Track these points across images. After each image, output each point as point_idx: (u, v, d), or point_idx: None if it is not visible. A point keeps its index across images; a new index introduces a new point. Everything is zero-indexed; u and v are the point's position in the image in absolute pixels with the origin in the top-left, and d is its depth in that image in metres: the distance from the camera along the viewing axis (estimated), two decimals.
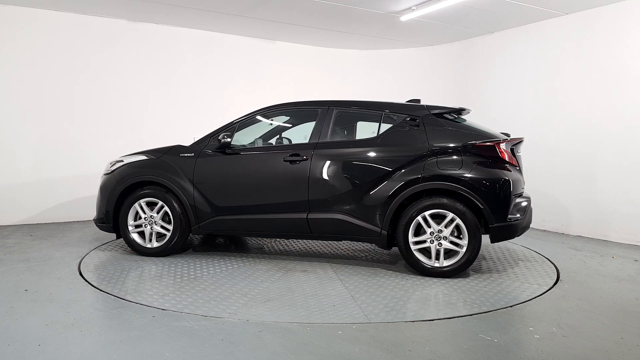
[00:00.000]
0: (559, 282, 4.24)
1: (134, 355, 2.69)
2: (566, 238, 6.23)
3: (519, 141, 4.65)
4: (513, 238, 4.40)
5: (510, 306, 3.59)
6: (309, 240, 5.69)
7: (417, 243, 4.29)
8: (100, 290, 3.80)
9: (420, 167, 4.29)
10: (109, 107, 7.02)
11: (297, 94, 7.73)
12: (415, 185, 4.26)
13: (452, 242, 4.22)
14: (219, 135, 4.70)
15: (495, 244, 5.62)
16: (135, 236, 4.83)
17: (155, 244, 4.81)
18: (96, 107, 6.94)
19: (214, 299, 3.65)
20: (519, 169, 4.53)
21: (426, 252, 4.31)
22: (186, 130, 7.16)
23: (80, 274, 4.24)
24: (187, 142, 4.97)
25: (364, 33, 7.60)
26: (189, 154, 4.77)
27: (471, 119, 4.96)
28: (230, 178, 4.68)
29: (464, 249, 4.19)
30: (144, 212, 4.78)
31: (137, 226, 4.82)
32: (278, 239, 5.73)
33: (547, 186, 6.73)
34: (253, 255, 5.05)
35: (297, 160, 4.51)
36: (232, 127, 4.81)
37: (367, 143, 4.57)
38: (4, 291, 3.76)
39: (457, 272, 4.24)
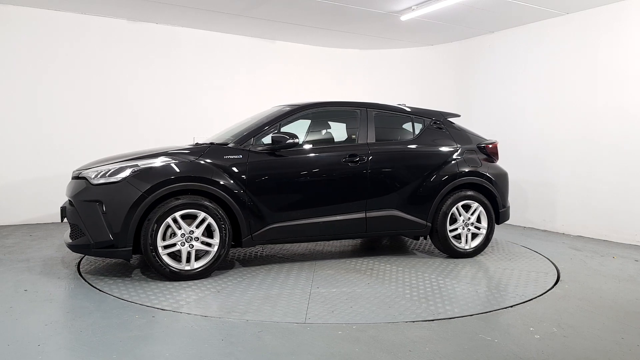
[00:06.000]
0: (559, 282, 4.24)
1: (133, 355, 2.68)
2: (566, 238, 6.23)
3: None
4: (507, 220, 5.36)
5: (511, 306, 3.59)
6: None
7: (451, 231, 4.90)
8: (100, 291, 3.80)
9: (455, 164, 4.95)
10: (109, 106, 7.02)
11: (297, 94, 7.74)
12: (455, 180, 4.89)
13: (475, 227, 4.99)
14: (267, 134, 4.38)
15: (495, 243, 5.71)
16: (166, 258, 3.96)
17: (195, 265, 4.03)
18: (96, 107, 6.94)
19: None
20: None
21: (455, 238, 4.96)
22: (186, 130, 7.17)
23: (80, 274, 4.24)
24: (187, 142, 4.94)
25: (364, 33, 7.60)
26: (236, 156, 4.22)
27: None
28: (290, 181, 4.39)
29: (484, 232, 5.01)
30: (179, 228, 3.97)
31: (166, 246, 3.97)
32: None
33: (547, 186, 6.72)
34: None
35: (357, 161, 4.58)
36: (276, 125, 4.44)
37: (413, 143, 4.97)
38: (3, 291, 3.76)
39: (480, 251, 5.04)
